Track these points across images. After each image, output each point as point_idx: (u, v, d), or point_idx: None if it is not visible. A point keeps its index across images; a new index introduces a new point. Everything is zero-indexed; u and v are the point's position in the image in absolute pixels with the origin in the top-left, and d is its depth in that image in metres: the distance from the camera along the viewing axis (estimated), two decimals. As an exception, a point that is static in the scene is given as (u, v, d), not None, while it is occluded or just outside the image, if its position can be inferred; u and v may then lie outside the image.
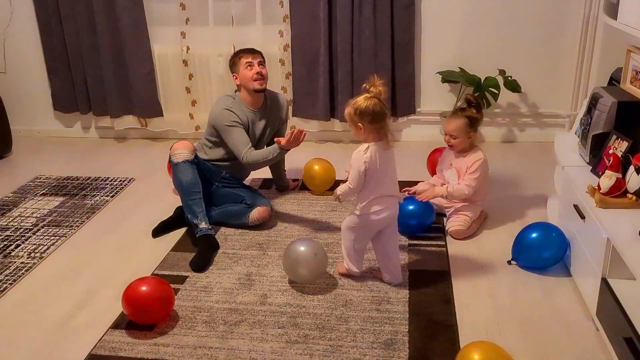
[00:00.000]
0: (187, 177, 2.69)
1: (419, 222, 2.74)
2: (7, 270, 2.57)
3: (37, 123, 4.38)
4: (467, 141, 2.73)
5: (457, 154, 2.79)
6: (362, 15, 3.65)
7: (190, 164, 2.71)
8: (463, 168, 2.74)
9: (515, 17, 3.69)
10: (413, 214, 2.73)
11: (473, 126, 2.70)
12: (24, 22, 4.06)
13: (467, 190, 2.67)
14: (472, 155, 2.73)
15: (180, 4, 3.80)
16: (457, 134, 2.71)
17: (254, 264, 2.57)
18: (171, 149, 2.78)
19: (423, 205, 2.72)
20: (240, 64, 2.79)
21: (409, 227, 2.73)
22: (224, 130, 2.77)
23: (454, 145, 2.76)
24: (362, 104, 2.12)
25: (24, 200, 3.29)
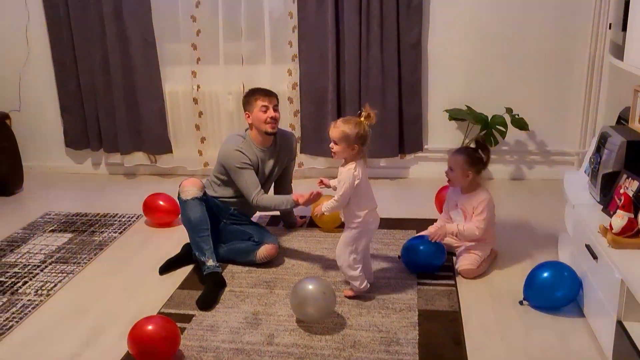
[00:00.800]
0: (196, 215, 2.69)
1: (429, 262, 2.70)
2: (14, 308, 2.56)
3: (48, 159, 4.43)
4: (463, 179, 2.70)
5: (462, 194, 2.78)
6: (370, 55, 3.71)
7: (198, 201, 2.72)
8: (468, 209, 2.72)
9: (522, 56, 3.74)
10: (424, 254, 2.69)
11: (474, 166, 2.68)
12: (40, 61, 4.17)
13: (477, 232, 2.66)
14: (477, 195, 2.71)
15: (192, 44, 3.89)
16: (454, 167, 2.70)
17: (261, 302, 2.54)
18: (180, 186, 2.79)
19: (434, 245, 2.69)
20: (255, 105, 2.81)
21: (419, 267, 2.71)
22: (234, 172, 2.79)
23: (450, 180, 2.75)
24: (361, 128, 2.34)
25: (33, 236, 3.30)
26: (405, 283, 2.66)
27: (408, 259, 2.74)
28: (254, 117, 2.82)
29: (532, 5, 3.64)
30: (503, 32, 3.72)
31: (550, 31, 3.68)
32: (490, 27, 3.72)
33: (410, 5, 3.65)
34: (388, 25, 3.65)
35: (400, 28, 3.68)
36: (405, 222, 3.29)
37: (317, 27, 3.73)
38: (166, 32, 3.94)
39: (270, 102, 2.82)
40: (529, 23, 3.68)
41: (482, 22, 3.72)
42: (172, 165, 4.21)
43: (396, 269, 2.78)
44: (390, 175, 4.09)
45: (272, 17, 3.81)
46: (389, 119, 3.81)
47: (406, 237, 3.09)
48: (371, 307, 2.47)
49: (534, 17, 3.66)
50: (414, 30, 3.69)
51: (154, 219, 3.37)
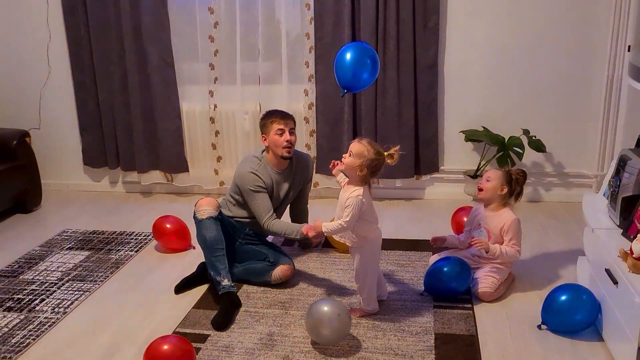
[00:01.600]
0: (211, 234, 2.70)
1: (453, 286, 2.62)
2: (31, 325, 2.57)
3: (66, 177, 4.49)
4: (496, 193, 2.70)
5: (486, 212, 2.76)
6: (386, 75, 3.73)
7: (214, 220, 2.73)
8: (494, 228, 2.71)
9: (539, 77, 3.74)
10: (448, 276, 2.61)
11: (510, 185, 2.69)
12: (60, 80, 4.25)
13: (519, 255, 2.69)
14: (503, 215, 2.70)
15: (210, 64, 3.94)
16: (492, 178, 2.71)
17: (276, 323, 2.53)
18: (196, 205, 2.80)
19: (460, 266, 2.61)
20: (271, 129, 2.81)
21: (441, 290, 2.65)
22: (248, 194, 2.80)
23: (483, 190, 2.73)
24: (380, 159, 2.36)
25: (50, 254, 3.33)
26: (421, 305, 2.63)
27: (431, 283, 2.68)
28: (270, 141, 2.83)
29: (549, 27, 3.65)
30: (519, 54, 3.72)
31: (568, 52, 3.67)
32: (507, 48, 3.73)
33: (427, 27, 3.67)
34: (404, 46, 3.68)
35: (416, 49, 3.70)
36: (421, 244, 3.26)
37: (333, 47, 3.75)
38: (184, 52, 4.00)
39: (286, 125, 2.82)
40: (546, 44, 3.67)
41: (498, 43, 3.73)
42: (188, 184, 4.24)
43: (411, 292, 2.76)
44: (405, 196, 4.07)
45: (289, 38, 3.86)
46: (405, 139, 3.80)
47: (422, 258, 3.09)
48: (387, 330, 2.45)
49: (551, 38, 3.66)
50: (430, 52, 3.71)
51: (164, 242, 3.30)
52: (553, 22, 3.64)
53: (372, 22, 3.65)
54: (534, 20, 3.65)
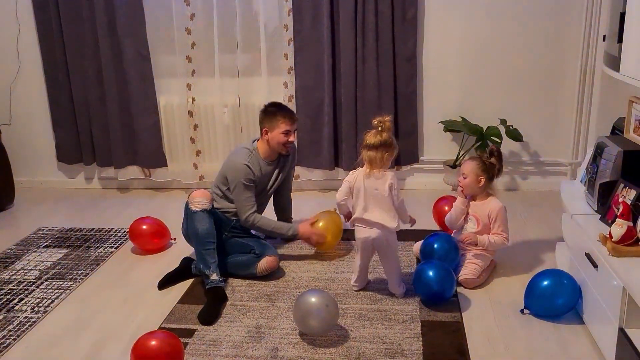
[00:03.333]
0: (204, 227, 2.67)
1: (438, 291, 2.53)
2: (11, 326, 2.51)
3: (40, 174, 4.38)
4: (476, 186, 2.74)
5: (474, 202, 2.80)
6: (365, 67, 3.74)
7: (208, 213, 2.71)
8: (482, 216, 2.76)
9: (515, 67, 3.79)
10: (433, 281, 2.52)
11: (487, 172, 2.73)
12: (31, 75, 4.13)
13: (507, 242, 2.76)
14: (490, 203, 2.76)
15: (187, 57, 3.89)
16: (468, 173, 2.74)
17: (263, 315, 2.52)
18: (189, 197, 2.77)
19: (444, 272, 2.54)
20: (277, 126, 2.81)
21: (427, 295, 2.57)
22: (238, 186, 2.79)
23: (463, 186, 2.78)
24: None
25: (26, 252, 3.25)
26: (407, 295, 2.65)
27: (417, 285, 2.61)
28: (272, 136, 2.83)
29: (524, 18, 3.70)
30: (496, 45, 3.77)
31: (542, 43, 3.73)
32: (484, 39, 3.77)
33: (405, 19, 3.69)
34: (383, 38, 3.69)
35: (395, 41, 3.71)
36: (404, 233, 3.27)
37: (312, 39, 3.75)
38: (161, 45, 3.94)
39: (292, 127, 2.86)
40: (522, 35, 3.73)
41: (475, 34, 3.77)
42: (167, 179, 4.18)
43: (397, 280, 2.78)
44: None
45: (268, 30, 3.83)
46: (385, 130, 3.82)
47: (405, 248, 3.10)
48: (374, 319, 2.47)
49: (526, 29, 3.72)
50: (409, 43, 3.73)
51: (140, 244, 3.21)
52: (528, 13, 3.69)
53: (351, 15, 3.65)
54: (510, 11, 3.70)
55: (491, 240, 2.72)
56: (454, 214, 2.84)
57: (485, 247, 2.73)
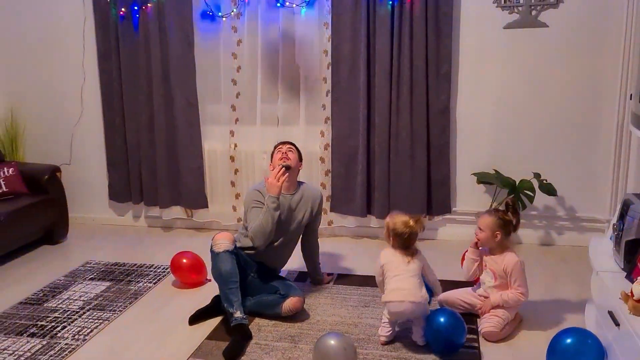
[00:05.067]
0: (227, 267, 2.81)
1: (450, 339, 2.56)
2: (52, 351, 2.69)
3: (93, 211, 4.68)
4: (492, 241, 2.77)
5: (491, 255, 2.83)
6: (399, 118, 3.87)
7: (230, 254, 2.85)
8: (497, 270, 2.77)
9: (550, 121, 3.83)
10: (444, 328, 2.54)
11: (503, 228, 2.76)
12: (92, 119, 4.49)
13: (523, 298, 2.75)
14: (505, 257, 2.77)
15: (231, 106, 4.15)
16: (484, 228, 2.78)
17: (285, 356, 2.60)
18: (213, 239, 2.93)
19: (454, 319, 2.57)
20: (275, 155, 3.08)
21: (439, 344, 2.58)
22: (247, 209, 2.99)
23: (479, 240, 2.82)
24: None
25: (73, 283, 3.48)
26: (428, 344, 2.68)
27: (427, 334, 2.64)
28: (274, 163, 3.06)
29: (559, 73, 3.76)
30: (530, 99, 3.83)
31: (577, 97, 3.77)
32: (518, 93, 3.85)
33: (439, 73, 3.83)
34: (417, 91, 3.83)
35: (429, 94, 3.85)
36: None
37: (349, 91, 3.93)
38: (208, 94, 4.23)
39: (283, 146, 3.10)
40: (556, 89, 3.78)
41: (510, 88, 3.85)
42: (208, 219, 4.39)
43: (419, 329, 2.81)
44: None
45: (307, 82, 4.05)
46: (417, 181, 3.91)
47: (431, 298, 3.12)
48: (393, 366, 2.50)
49: (560, 83, 3.77)
50: (443, 97, 3.85)
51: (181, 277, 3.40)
52: (563, 66, 3.75)
53: (387, 68, 3.82)
54: (544, 65, 3.78)
55: (504, 298, 2.73)
56: (465, 265, 2.90)
57: (502, 305, 2.73)
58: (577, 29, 3.69)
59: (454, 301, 2.92)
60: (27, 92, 4.57)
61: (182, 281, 3.39)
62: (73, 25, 4.36)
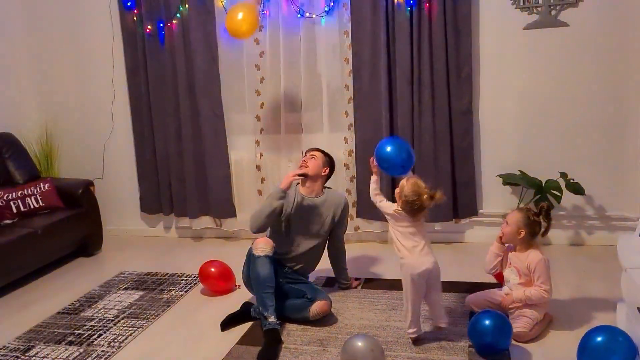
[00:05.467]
0: (265, 271, 2.86)
1: (494, 341, 2.55)
2: (89, 358, 2.79)
3: (125, 223, 4.81)
4: (515, 237, 2.77)
5: (515, 253, 2.82)
6: (422, 122, 3.89)
7: (269, 259, 2.90)
8: (521, 267, 2.77)
9: (575, 120, 3.80)
10: (489, 331, 2.53)
11: (529, 227, 2.75)
12: (122, 134, 4.64)
13: (546, 295, 2.72)
14: (529, 255, 2.76)
15: (256, 116, 4.23)
16: (510, 222, 2.79)
17: (314, 359, 2.64)
18: (254, 243, 2.98)
19: (500, 321, 2.56)
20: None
21: (483, 346, 2.58)
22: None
23: (503, 234, 2.82)
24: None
25: (108, 293, 3.59)
26: (457, 345, 2.68)
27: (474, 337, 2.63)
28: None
29: (582, 71, 3.73)
30: (554, 98, 3.80)
31: (602, 95, 3.73)
32: (541, 93, 3.82)
33: (460, 76, 3.83)
34: (439, 94, 3.84)
35: (450, 97, 3.86)
36: (459, 285, 3.32)
37: (371, 97, 3.97)
38: (233, 105, 4.32)
39: (308, 153, 3.23)
40: (581, 87, 3.75)
41: (532, 88, 3.83)
42: (236, 228, 4.47)
43: (447, 331, 2.81)
44: (445, 240, 4.14)
45: (330, 90, 4.11)
46: (442, 183, 3.91)
47: (459, 299, 3.13)
48: (421, 368, 2.51)
49: (585, 82, 3.74)
50: (464, 99, 3.86)
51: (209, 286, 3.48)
52: (587, 63, 3.71)
53: (407, 73, 3.85)
54: (568, 62, 3.75)
55: (527, 294, 2.71)
56: (487, 257, 2.92)
57: (523, 301, 2.72)
58: (598, 27, 3.66)
59: (482, 302, 2.92)
60: (61, 110, 4.75)
61: (210, 289, 3.47)
62: (102, 43, 4.52)
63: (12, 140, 4.38)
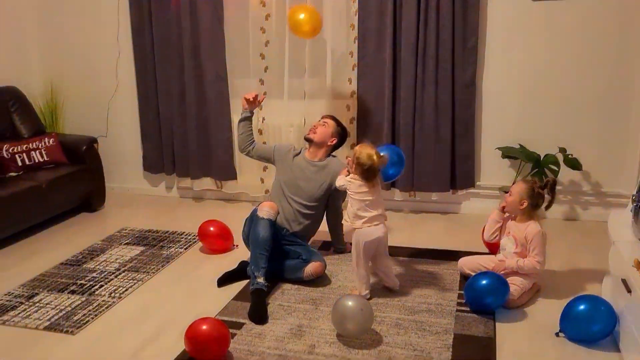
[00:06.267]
0: (265, 234, 2.94)
1: (493, 300, 2.69)
2: (91, 307, 2.89)
3: (128, 182, 4.89)
4: (517, 207, 2.84)
5: (514, 222, 2.89)
6: (425, 93, 3.91)
7: (271, 223, 2.98)
8: (519, 236, 2.84)
9: (576, 96, 3.81)
10: (486, 290, 2.68)
11: (532, 198, 2.81)
12: (126, 93, 4.67)
13: (538, 266, 2.79)
14: (529, 226, 2.82)
15: (260, 80, 4.25)
16: (513, 193, 2.86)
17: (306, 316, 2.73)
18: (260, 205, 3.06)
19: (497, 280, 2.69)
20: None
21: (483, 305, 2.70)
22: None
23: (506, 203, 2.88)
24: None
25: (110, 247, 3.68)
26: (445, 309, 2.77)
27: (471, 296, 2.75)
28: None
29: (587, 45, 3.73)
30: (558, 72, 3.81)
31: (605, 72, 3.73)
32: (544, 67, 3.83)
33: (466, 47, 3.83)
34: (443, 65, 3.85)
35: (455, 68, 3.86)
36: (451, 254, 3.40)
37: (375, 65, 3.98)
38: (237, 68, 4.33)
39: (321, 119, 3.33)
40: (584, 63, 3.76)
41: (535, 61, 3.84)
42: (236, 191, 4.54)
43: (437, 296, 2.90)
44: (442, 210, 4.20)
45: (334, 56, 4.11)
46: (442, 154, 3.96)
47: (450, 267, 3.21)
48: (409, 328, 2.60)
49: (588, 56, 3.74)
50: (469, 71, 3.86)
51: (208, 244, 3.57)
52: (590, 39, 3.71)
53: (413, 42, 3.85)
54: (571, 37, 3.75)
55: (520, 264, 2.78)
56: (487, 225, 3.00)
57: (514, 270, 2.79)
58: (606, 1, 3.64)
59: (474, 265, 3.00)
60: (66, 67, 4.77)
61: (209, 248, 3.56)
62: (108, 1, 4.51)
63: (17, 94, 4.42)
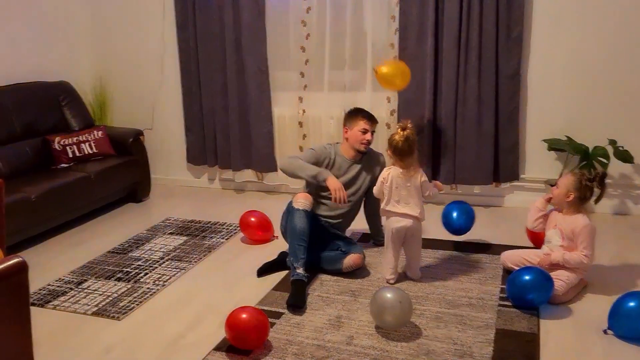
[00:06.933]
0: (302, 225, 2.95)
1: (536, 296, 2.60)
2: (136, 293, 2.98)
3: (172, 173, 5.00)
4: (563, 199, 2.76)
5: (562, 215, 2.81)
6: (467, 84, 3.83)
7: (306, 213, 2.98)
8: (566, 230, 2.75)
9: (627, 85, 3.66)
10: (529, 286, 2.59)
11: (579, 191, 2.73)
12: (171, 87, 4.77)
13: (586, 260, 2.70)
14: (576, 219, 2.74)
15: (300, 73, 4.26)
16: (560, 185, 2.79)
17: (345, 308, 2.74)
18: (295, 196, 3.07)
19: (541, 276, 2.61)
20: (357, 124, 3.13)
21: (526, 302, 2.62)
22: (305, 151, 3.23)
23: (552, 195, 2.82)
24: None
25: (155, 237, 3.78)
26: (487, 304, 2.72)
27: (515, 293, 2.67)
28: (351, 133, 3.13)
29: (636, 34, 3.57)
30: (606, 62, 3.67)
31: (660, 62, 3.57)
32: (593, 56, 3.69)
33: (510, 37, 3.74)
34: (487, 56, 3.76)
35: (499, 58, 3.77)
36: (493, 247, 3.34)
37: (416, 57, 3.92)
38: (278, 61, 4.36)
39: (370, 127, 3.14)
40: (634, 52, 3.60)
41: (584, 51, 3.70)
42: (277, 183, 4.58)
43: (478, 290, 2.85)
44: (484, 203, 4.12)
45: (375, 48, 4.08)
46: (484, 146, 3.88)
47: (492, 261, 3.15)
48: (449, 322, 2.57)
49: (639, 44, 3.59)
50: (513, 61, 3.77)
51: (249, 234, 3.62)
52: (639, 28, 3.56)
53: (455, 33, 3.78)
54: (623, 26, 3.60)
55: (566, 258, 2.69)
56: (530, 212, 2.93)
57: (560, 264, 2.71)
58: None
59: (517, 259, 2.93)
60: (114, 63, 4.91)
61: (249, 238, 3.61)
62: None
63: (69, 88, 4.58)
